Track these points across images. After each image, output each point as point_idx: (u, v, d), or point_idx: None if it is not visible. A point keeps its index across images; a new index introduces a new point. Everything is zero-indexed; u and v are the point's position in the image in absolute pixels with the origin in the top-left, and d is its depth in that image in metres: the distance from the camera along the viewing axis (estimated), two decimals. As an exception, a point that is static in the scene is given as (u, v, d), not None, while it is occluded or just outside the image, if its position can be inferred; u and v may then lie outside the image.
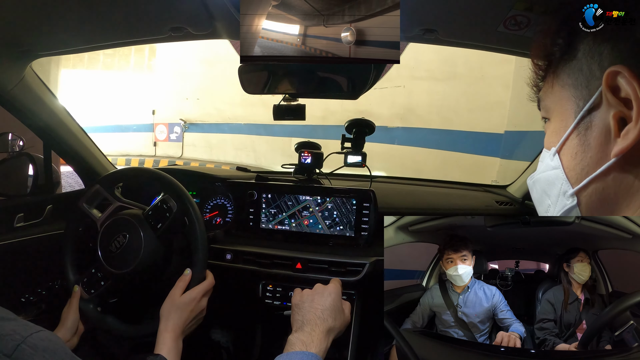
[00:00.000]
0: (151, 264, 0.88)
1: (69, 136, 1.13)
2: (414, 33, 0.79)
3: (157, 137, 7.82)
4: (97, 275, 0.92)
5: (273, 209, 1.12)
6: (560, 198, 0.41)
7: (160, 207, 0.90)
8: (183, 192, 0.91)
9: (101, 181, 0.97)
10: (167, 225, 0.88)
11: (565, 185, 0.40)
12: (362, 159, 1.14)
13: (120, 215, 0.91)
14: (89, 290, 0.91)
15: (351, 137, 1.15)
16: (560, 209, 0.41)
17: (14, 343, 0.41)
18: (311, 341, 0.61)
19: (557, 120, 0.42)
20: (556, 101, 0.42)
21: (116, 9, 0.75)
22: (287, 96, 0.96)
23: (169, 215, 0.88)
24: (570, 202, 0.40)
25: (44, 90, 1.03)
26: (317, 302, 0.68)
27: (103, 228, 0.91)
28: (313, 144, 1.20)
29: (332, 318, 0.66)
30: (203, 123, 7.35)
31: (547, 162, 0.43)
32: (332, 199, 1.08)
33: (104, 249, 0.89)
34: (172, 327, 0.78)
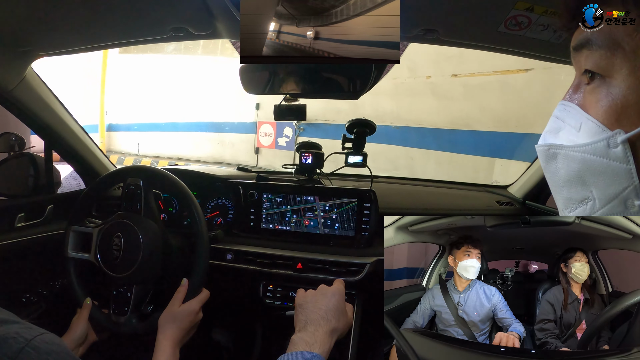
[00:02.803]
0: (153, 263, 0.88)
1: (70, 136, 1.13)
2: (414, 33, 0.79)
3: (260, 141, 5.81)
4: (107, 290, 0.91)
5: (274, 209, 1.12)
6: (617, 203, 0.31)
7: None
8: (186, 191, 0.91)
9: (71, 220, 0.96)
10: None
11: (633, 192, 0.29)
12: (363, 159, 1.14)
13: (113, 221, 0.91)
14: (116, 311, 0.89)
15: (352, 137, 1.15)
16: (613, 214, 0.32)
17: (18, 346, 0.41)
18: (315, 341, 0.61)
19: (632, 92, 0.29)
20: (636, 62, 0.29)
21: (117, 9, 0.75)
22: (287, 96, 0.96)
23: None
24: (634, 212, 0.30)
25: (45, 90, 1.03)
26: (320, 302, 0.68)
27: (98, 238, 0.91)
28: (314, 144, 1.20)
29: (336, 319, 0.66)
30: (327, 123, 5.02)
31: (600, 144, 0.31)
32: (333, 199, 1.08)
33: (103, 257, 0.89)
34: (171, 336, 0.79)
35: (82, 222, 0.97)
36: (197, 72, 6.45)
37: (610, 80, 0.31)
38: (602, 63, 0.31)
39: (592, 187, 0.32)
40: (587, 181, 0.32)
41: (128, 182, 0.94)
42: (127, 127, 7.67)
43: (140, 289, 0.90)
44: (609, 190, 0.31)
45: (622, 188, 0.30)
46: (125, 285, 0.89)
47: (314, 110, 5.01)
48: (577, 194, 0.34)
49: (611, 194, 0.31)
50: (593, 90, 0.32)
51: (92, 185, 1.00)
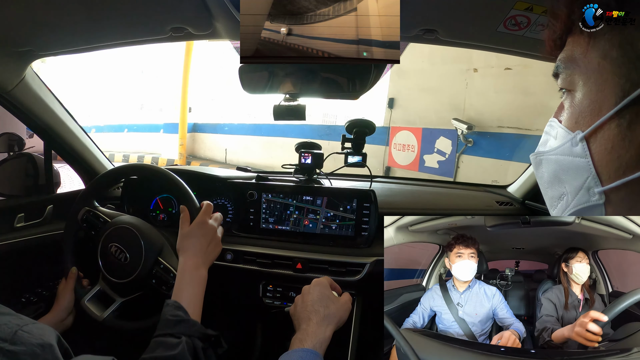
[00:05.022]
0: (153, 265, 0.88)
1: (69, 136, 1.13)
2: (414, 33, 0.79)
3: (392, 157, 3.89)
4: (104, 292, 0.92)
5: (273, 209, 1.12)
6: (583, 193, 0.36)
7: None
8: (186, 191, 0.91)
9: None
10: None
11: (592, 180, 0.34)
12: (363, 159, 1.14)
13: (114, 227, 0.91)
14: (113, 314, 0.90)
15: (351, 138, 1.15)
16: (581, 204, 0.36)
17: (11, 330, 0.43)
18: (306, 336, 0.62)
19: (587, 98, 0.35)
20: (589, 74, 0.34)
21: (116, 9, 0.75)
22: (287, 96, 0.96)
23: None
24: (596, 199, 0.35)
25: (45, 91, 1.03)
26: (306, 299, 0.69)
27: (101, 242, 0.91)
28: (313, 144, 1.20)
29: (324, 307, 0.67)
30: (517, 133, 3.46)
31: (566, 145, 0.37)
32: (333, 199, 1.08)
33: (105, 262, 0.90)
34: (192, 255, 0.78)
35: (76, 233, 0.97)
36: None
37: (573, 92, 0.37)
38: (567, 80, 0.37)
39: (565, 184, 0.38)
40: (562, 179, 0.38)
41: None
42: (215, 128, 6.31)
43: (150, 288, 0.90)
44: (576, 182, 0.36)
45: (584, 179, 0.35)
46: (138, 290, 0.90)
47: (495, 114, 3.48)
48: (556, 191, 0.39)
49: (578, 185, 0.36)
50: (564, 103, 0.39)
51: (80, 194, 1.00)
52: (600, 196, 0.34)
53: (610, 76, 0.32)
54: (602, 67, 0.33)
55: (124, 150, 7.97)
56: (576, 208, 0.37)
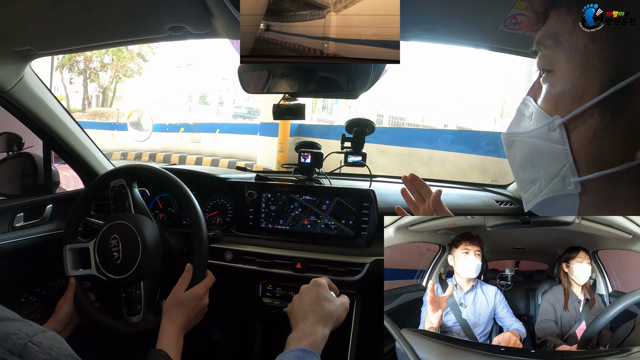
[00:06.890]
0: (154, 254, 0.88)
1: (68, 136, 1.12)
2: (414, 33, 0.79)
3: None
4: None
5: (273, 208, 1.12)
6: (558, 180, 0.34)
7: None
8: (185, 190, 0.91)
9: (64, 239, 0.96)
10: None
11: (569, 169, 0.33)
12: (363, 158, 1.14)
13: (106, 226, 0.91)
14: (130, 312, 0.89)
15: (351, 137, 1.15)
16: (555, 191, 0.35)
17: (20, 342, 0.42)
18: (303, 336, 0.61)
19: (568, 82, 0.33)
20: (573, 55, 0.32)
21: (115, 9, 0.75)
22: (286, 96, 0.96)
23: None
24: (572, 189, 0.34)
25: (44, 90, 1.03)
26: (303, 300, 0.69)
27: (95, 251, 0.91)
28: (313, 144, 1.20)
29: (320, 307, 0.67)
30: None
31: (542, 128, 0.35)
32: (332, 199, 1.08)
33: (104, 265, 0.89)
34: (175, 322, 0.79)
35: (76, 239, 0.96)
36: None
37: (553, 73, 0.35)
38: (547, 59, 0.35)
39: (540, 169, 0.36)
40: (536, 163, 0.37)
41: (112, 185, 0.94)
42: (327, 132, 5.35)
43: (148, 284, 0.89)
44: (551, 169, 0.35)
45: (560, 167, 0.34)
46: (133, 284, 0.89)
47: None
48: (528, 175, 0.38)
49: (553, 172, 0.35)
50: (542, 83, 0.37)
51: (78, 198, 1.00)
52: (576, 186, 0.33)
53: (597, 60, 0.31)
54: (589, 50, 0.31)
55: (213, 153, 7.42)
56: (549, 195, 0.35)
